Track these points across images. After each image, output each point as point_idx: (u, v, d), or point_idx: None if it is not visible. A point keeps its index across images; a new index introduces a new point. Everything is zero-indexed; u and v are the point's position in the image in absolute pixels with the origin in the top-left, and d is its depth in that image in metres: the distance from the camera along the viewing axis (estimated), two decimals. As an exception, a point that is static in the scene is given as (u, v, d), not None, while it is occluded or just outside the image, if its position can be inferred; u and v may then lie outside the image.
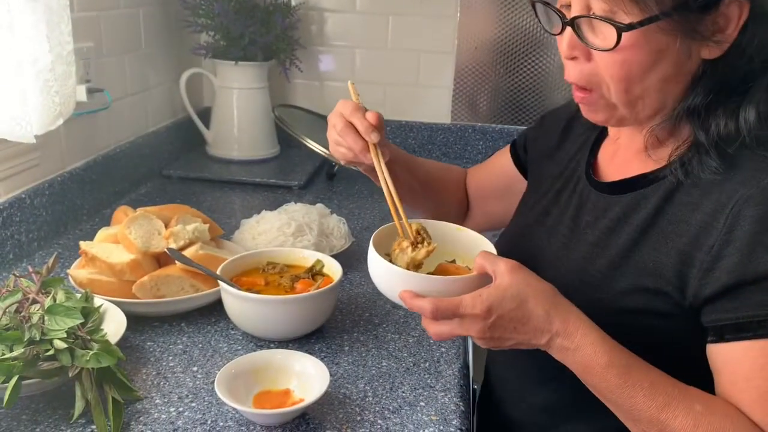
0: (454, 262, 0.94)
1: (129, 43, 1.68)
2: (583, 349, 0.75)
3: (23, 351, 0.81)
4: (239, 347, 1.01)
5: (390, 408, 0.89)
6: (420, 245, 0.88)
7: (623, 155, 0.89)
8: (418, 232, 0.89)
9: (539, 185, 1.01)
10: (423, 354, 1.02)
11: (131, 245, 1.10)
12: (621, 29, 0.72)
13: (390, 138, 1.66)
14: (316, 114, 2.02)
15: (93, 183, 1.50)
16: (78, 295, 0.96)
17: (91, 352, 0.83)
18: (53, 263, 0.95)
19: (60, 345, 0.82)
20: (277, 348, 0.98)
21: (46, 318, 0.85)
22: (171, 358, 0.97)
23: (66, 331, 0.84)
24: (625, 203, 0.84)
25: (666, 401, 0.72)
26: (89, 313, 0.93)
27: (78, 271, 1.08)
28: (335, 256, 1.16)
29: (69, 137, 1.43)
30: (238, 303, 1.00)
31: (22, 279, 0.94)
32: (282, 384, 0.89)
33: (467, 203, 1.21)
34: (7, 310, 0.87)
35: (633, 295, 0.79)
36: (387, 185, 0.91)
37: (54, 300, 0.89)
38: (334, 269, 1.09)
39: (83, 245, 1.10)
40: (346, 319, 1.11)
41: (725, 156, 0.76)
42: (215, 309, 1.09)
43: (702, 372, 0.76)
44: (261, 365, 0.89)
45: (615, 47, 0.73)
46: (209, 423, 0.84)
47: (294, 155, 2.00)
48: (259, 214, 1.34)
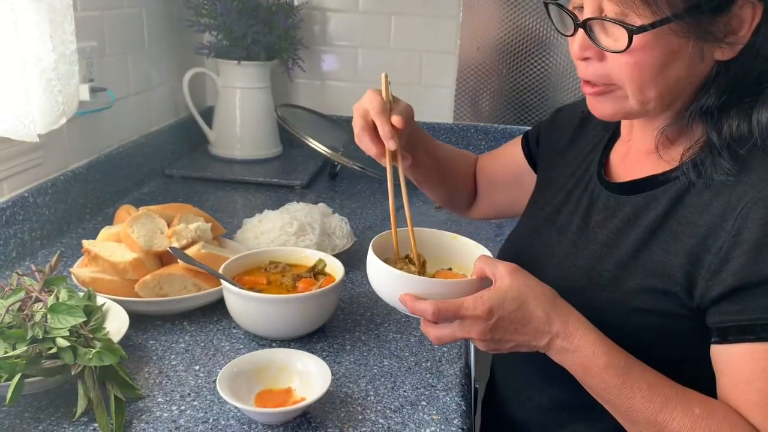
0: (450, 270, 0.94)
1: (132, 43, 1.68)
2: (583, 350, 0.75)
3: (26, 349, 0.81)
4: (241, 346, 1.01)
5: (391, 407, 0.89)
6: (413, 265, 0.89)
7: (635, 156, 0.89)
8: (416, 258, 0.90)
9: (550, 184, 1.01)
10: (424, 353, 1.02)
11: (134, 244, 1.10)
12: (632, 31, 0.71)
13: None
14: (318, 114, 2.02)
15: (96, 182, 1.50)
16: (81, 294, 0.96)
17: (94, 350, 0.83)
18: (56, 262, 0.96)
19: (63, 343, 0.82)
20: (279, 347, 0.98)
21: (48, 316, 0.85)
22: (173, 356, 0.98)
23: (69, 330, 0.84)
24: (636, 204, 0.84)
25: (664, 403, 0.72)
26: (92, 312, 0.93)
27: (81, 270, 1.09)
28: (337, 255, 1.16)
29: (72, 136, 1.44)
30: (240, 302, 1.01)
31: (25, 277, 0.94)
32: (284, 383, 0.89)
33: (475, 190, 1.20)
34: (11, 308, 0.87)
35: (641, 296, 0.79)
36: (391, 198, 0.89)
37: (57, 298, 0.90)
38: (336, 269, 1.09)
39: (86, 244, 1.11)
40: (347, 319, 1.11)
41: (737, 157, 0.76)
42: (217, 308, 1.09)
43: (708, 373, 0.76)
44: (263, 364, 0.90)
45: (626, 49, 0.73)
46: (211, 421, 0.84)
47: (296, 155, 2.00)
48: (262, 213, 1.34)
